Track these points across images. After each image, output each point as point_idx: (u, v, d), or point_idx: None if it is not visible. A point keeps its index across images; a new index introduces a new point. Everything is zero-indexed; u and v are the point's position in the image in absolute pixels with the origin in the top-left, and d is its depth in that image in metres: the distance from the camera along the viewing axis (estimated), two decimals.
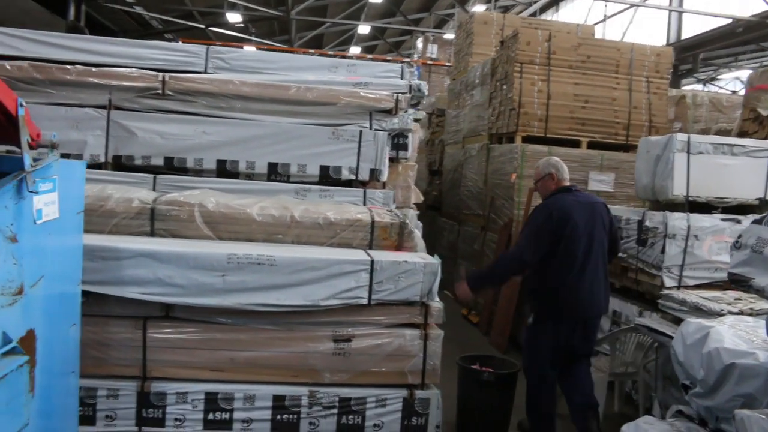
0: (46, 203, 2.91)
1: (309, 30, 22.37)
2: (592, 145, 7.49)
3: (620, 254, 5.34)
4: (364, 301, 3.96)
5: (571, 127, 7.49)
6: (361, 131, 5.06)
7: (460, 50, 10.83)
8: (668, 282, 4.94)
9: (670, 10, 17.35)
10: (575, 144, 7.44)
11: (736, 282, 2.87)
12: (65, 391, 3.47)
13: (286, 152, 4.95)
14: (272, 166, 4.97)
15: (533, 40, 7.54)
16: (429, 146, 11.75)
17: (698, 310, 4.19)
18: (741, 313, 4.13)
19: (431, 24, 23.29)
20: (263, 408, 4.00)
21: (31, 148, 2.81)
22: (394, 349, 4.04)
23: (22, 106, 2.67)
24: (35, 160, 2.78)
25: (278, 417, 4.01)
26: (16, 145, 2.76)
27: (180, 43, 15.55)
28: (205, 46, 5.53)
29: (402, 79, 5.82)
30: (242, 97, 4.95)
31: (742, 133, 7.98)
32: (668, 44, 17.39)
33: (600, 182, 7.22)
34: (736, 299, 4.51)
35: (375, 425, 4.11)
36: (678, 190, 5.09)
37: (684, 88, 20.89)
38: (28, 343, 2.78)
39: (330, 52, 20.07)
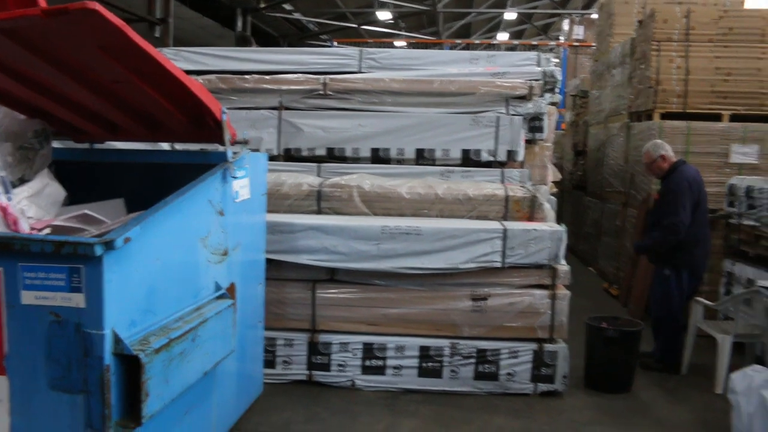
0: (241, 186, 3.79)
1: (456, 20, 22.89)
2: (734, 118, 7.47)
3: (753, 222, 5.60)
4: (498, 265, 4.58)
5: (712, 101, 7.52)
6: (498, 117, 5.61)
7: (602, 31, 10.94)
8: None
9: None
10: (716, 118, 7.48)
11: None
12: (254, 339, 4.38)
13: (432, 139, 5.63)
14: (419, 152, 5.67)
15: (671, 17, 7.64)
16: (573, 127, 11.96)
17: None
18: None
19: (579, 5, 22.98)
20: (411, 357, 4.75)
21: (230, 144, 3.69)
22: (525, 306, 4.63)
23: (224, 113, 3.54)
24: (234, 153, 3.65)
25: (424, 365, 4.74)
26: (220, 143, 3.64)
27: (335, 43, 16.73)
28: (359, 49, 6.32)
29: (538, 66, 6.28)
30: (392, 93, 5.67)
31: None
32: None
33: (743, 155, 7.22)
34: None
35: (508, 374, 4.72)
36: None
37: None
38: (231, 292, 3.67)
39: (476, 41, 20.48)
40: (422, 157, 5.66)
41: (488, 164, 5.62)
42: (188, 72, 5.84)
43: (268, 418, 4.32)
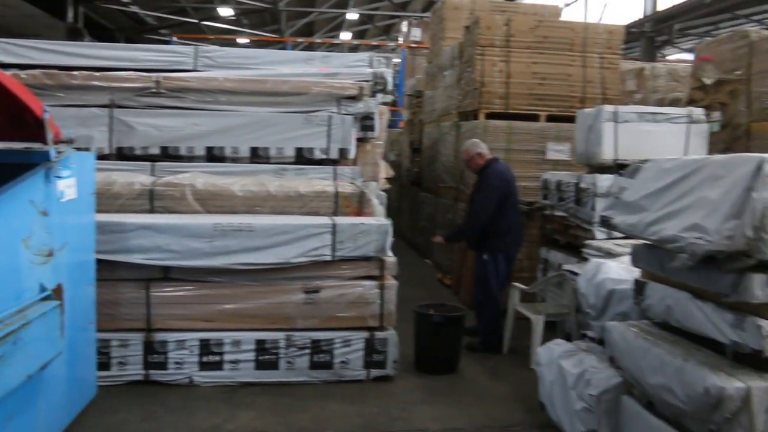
0: (67, 186, 3.74)
1: (298, 19, 23.01)
2: (550, 119, 8.20)
3: (562, 213, 6.23)
4: (329, 258, 4.80)
5: (530, 102, 8.20)
6: (330, 116, 5.83)
7: (435, 34, 11.54)
8: (599, 235, 5.70)
9: None
10: (534, 118, 8.17)
11: (604, 223, 3.65)
12: (85, 341, 4.32)
13: (266, 138, 5.76)
14: (254, 150, 5.77)
15: (493, 25, 8.25)
16: (410, 126, 12.49)
17: (609, 254, 4.96)
18: None
19: (419, 7, 23.86)
20: (248, 350, 4.87)
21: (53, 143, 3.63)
22: (356, 297, 4.89)
23: (46, 111, 3.49)
24: (58, 152, 3.60)
25: (260, 357, 4.88)
26: (42, 142, 3.58)
27: (175, 38, 16.30)
28: (194, 47, 6.33)
29: (370, 67, 6.57)
30: (226, 92, 5.73)
31: (691, 101, 8.69)
32: (645, 17, 17.98)
33: (557, 152, 7.95)
34: None
35: (342, 362, 4.97)
36: (606, 155, 5.85)
37: (668, 58, 21.55)
38: (58, 293, 3.62)
39: (318, 40, 20.70)
40: (257, 156, 5.77)
41: (321, 162, 5.83)
42: (12, 66, 5.64)
43: (102, 420, 4.27)
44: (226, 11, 19.85)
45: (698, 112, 6.23)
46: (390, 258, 4.95)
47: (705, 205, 2.81)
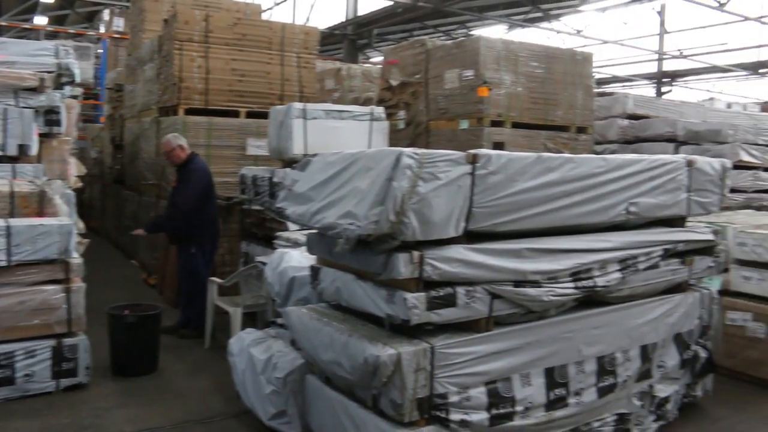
0: None
1: None
2: (251, 115, 8.37)
3: (258, 207, 6.44)
4: (4, 263, 4.43)
5: (230, 99, 8.30)
6: (5, 109, 5.37)
7: (135, 26, 11.12)
8: (292, 227, 5.99)
9: None
10: (235, 114, 8.29)
11: (279, 213, 3.89)
12: None
13: None
14: None
15: (191, 20, 8.18)
16: (111, 121, 11.89)
17: (297, 244, 5.26)
18: None
19: None
20: None
21: None
22: (39, 303, 4.58)
23: None
24: None
25: None
26: None
27: None
28: None
29: (55, 58, 6.15)
30: None
31: (381, 101, 9.48)
32: (347, 20, 19.07)
33: (257, 147, 8.14)
34: None
35: (26, 375, 4.62)
36: (297, 149, 6.17)
37: (372, 60, 23.11)
38: None
39: (4, 23, 18.60)
40: None
41: None
42: None
43: None
44: None
45: (379, 110, 6.82)
46: (75, 259, 4.72)
47: (357, 194, 3.14)
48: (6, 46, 6.18)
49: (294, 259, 4.25)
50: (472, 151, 3.29)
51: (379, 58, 22.39)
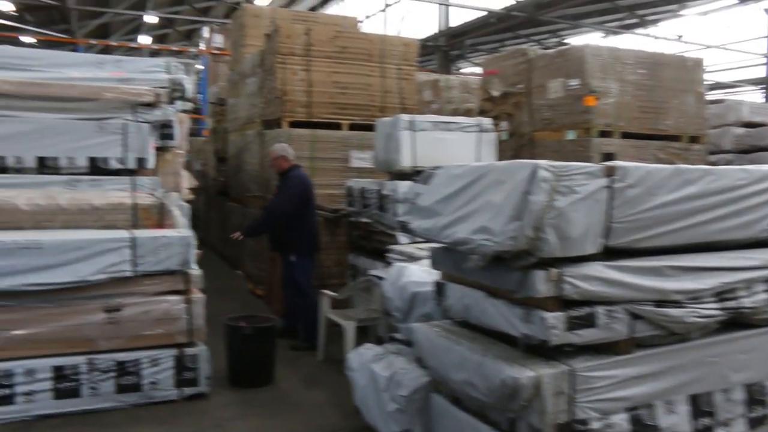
0: None
1: (92, 19, 21.59)
2: (352, 127, 8.41)
3: (366, 219, 6.42)
4: (129, 274, 4.57)
5: (332, 111, 8.36)
6: (125, 124, 5.54)
7: (236, 41, 11.38)
8: (402, 240, 5.94)
9: (439, 4, 18.85)
10: (337, 126, 8.34)
11: (403, 228, 3.82)
12: None
13: (54, 146, 5.34)
14: (41, 160, 5.32)
15: (293, 34, 8.30)
16: (214, 134, 12.21)
17: (412, 258, 5.20)
18: None
19: (221, 13, 23.40)
20: (44, 379, 4.49)
21: None
22: (162, 313, 4.70)
23: None
24: None
25: (59, 386, 4.52)
26: None
27: None
28: None
29: (167, 73, 6.33)
30: (3, 95, 5.21)
31: (482, 112, 9.36)
32: (439, 32, 19.04)
33: (360, 160, 8.17)
34: None
35: (151, 383, 4.75)
36: (405, 162, 6.14)
37: (462, 71, 22.99)
38: None
39: (114, 43, 19.55)
40: (45, 166, 5.33)
41: (118, 172, 5.53)
42: None
43: None
44: (5, 5, 18.02)
45: (487, 121, 6.70)
46: (195, 271, 4.81)
47: (490, 208, 3.04)
48: (122, 64, 6.40)
49: (414, 273, 4.18)
50: (609, 163, 3.14)
51: (471, 69, 22.28)
